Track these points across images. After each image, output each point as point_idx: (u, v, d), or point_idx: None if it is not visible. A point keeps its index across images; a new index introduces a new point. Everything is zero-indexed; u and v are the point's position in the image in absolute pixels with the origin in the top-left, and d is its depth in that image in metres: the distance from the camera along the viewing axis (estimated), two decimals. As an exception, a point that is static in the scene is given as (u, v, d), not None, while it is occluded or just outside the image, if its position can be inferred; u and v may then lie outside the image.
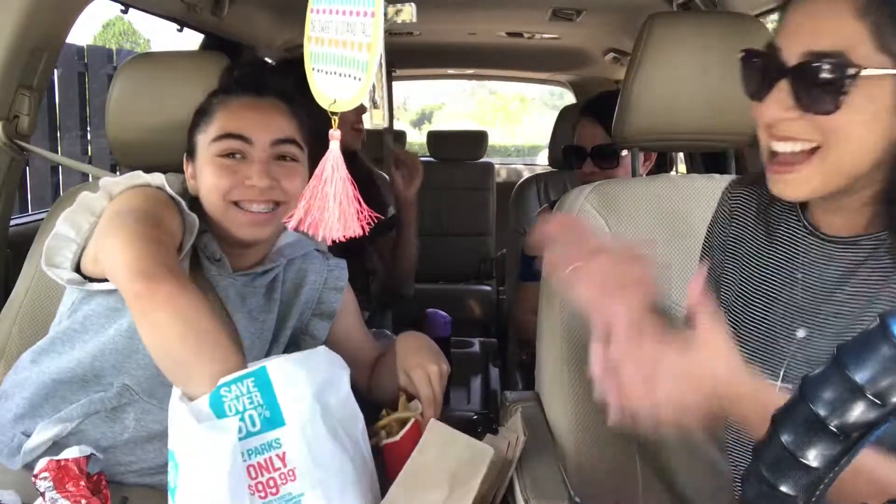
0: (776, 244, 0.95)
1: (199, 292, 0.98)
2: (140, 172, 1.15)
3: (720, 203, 1.05)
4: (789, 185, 0.81)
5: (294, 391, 0.88)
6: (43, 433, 1.07)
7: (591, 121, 1.89)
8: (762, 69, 0.81)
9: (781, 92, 0.78)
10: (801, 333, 0.89)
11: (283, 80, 1.23)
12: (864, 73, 0.72)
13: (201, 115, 1.21)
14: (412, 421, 1.13)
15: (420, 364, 1.17)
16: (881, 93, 0.73)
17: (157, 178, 1.15)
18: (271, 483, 0.87)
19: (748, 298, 0.97)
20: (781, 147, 0.80)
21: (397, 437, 1.13)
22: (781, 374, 0.89)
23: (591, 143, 1.86)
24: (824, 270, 0.88)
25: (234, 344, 0.95)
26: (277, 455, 0.87)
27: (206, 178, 1.16)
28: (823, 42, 0.75)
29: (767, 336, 0.93)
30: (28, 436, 1.08)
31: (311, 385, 0.89)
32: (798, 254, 0.91)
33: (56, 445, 1.06)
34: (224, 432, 0.84)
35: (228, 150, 1.15)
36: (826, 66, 0.74)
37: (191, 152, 1.21)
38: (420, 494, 0.95)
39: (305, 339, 1.31)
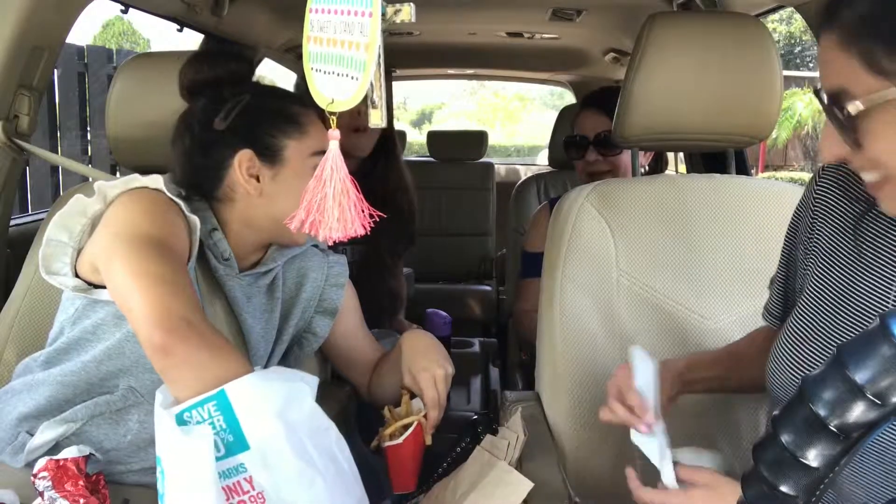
0: (866, 239, 0.88)
1: (220, 337, 0.95)
2: (137, 175, 1.12)
3: (805, 199, 0.98)
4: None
5: (255, 413, 0.86)
6: (47, 433, 1.06)
7: (593, 110, 1.89)
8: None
9: (830, 130, 0.76)
10: None
11: None
12: (859, 102, 0.71)
13: (281, 117, 1.16)
14: (415, 424, 1.14)
15: (426, 367, 1.17)
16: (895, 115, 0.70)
17: (155, 181, 1.11)
18: None
19: (840, 294, 0.89)
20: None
21: (400, 440, 1.14)
22: None
23: (594, 131, 1.86)
24: None
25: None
26: (245, 479, 0.86)
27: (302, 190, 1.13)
28: (829, 81, 0.74)
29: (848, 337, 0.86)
30: (32, 434, 1.07)
31: (272, 404, 0.87)
32: (890, 248, 0.85)
33: (58, 446, 1.06)
34: (202, 438, 0.83)
35: None
36: (836, 105, 0.72)
37: (270, 154, 1.15)
38: None
39: (308, 337, 1.31)
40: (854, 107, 0.71)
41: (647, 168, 1.91)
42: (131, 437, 1.08)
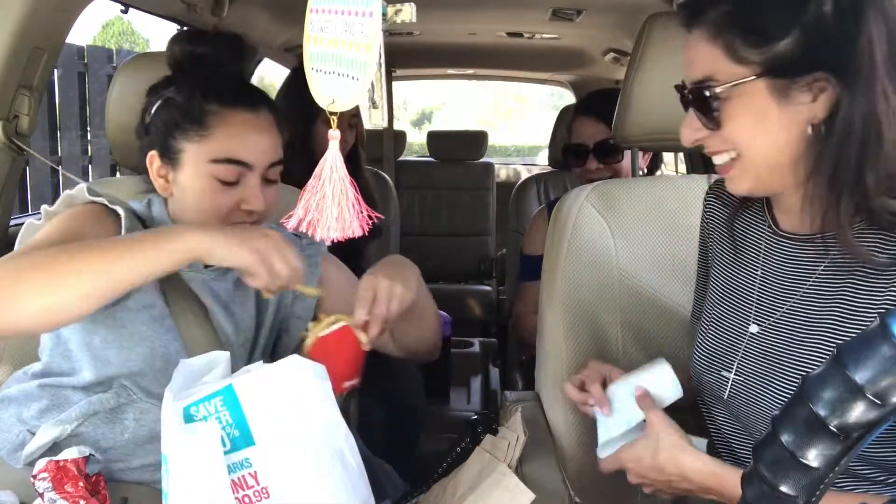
0: (741, 244, 1.00)
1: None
2: (71, 192, 1.12)
3: (702, 216, 1.12)
4: (732, 182, 0.91)
5: (263, 408, 0.85)
6: (43, 435, 1.07)
7: (590, 118, 1.89)
8: (681, 101, 0.92)
9: (690, 118, 0.89)
10: (753, 329, 0.94)
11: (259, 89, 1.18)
12: (722, 88, 0.83)
13: (186, 117, 1.12)
14: (341, 324, 1.05)
15: (374, 274, 1.07)
16: (753, 99, 0.83)
17: (83, 194, 1.12)
18: (246, 500, 0.86)
19: (714, 295, 1.03)
20: (715, 160, 0.90)
21: (313, 335, 1.04)
22: (734, 367, 0.94)
23: (593, 139, 1.85)
24: (784, 267, 0.93)
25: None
26: (250, 473, 0.86)
27: (197, 196, 1.11)
28: (696, 72, 0.86)
29: (724, 331, 0.98)
30: (33, 433, 1.08)
31: (281, 400, 0.86)
32: (760, 252, 0.97)
33: (56, 447, 1.06)
34: (209, 430, 0.84)
35: (229, 176, 1.10)
36: (701, 91, 0.85)
37: (170, 155, 1.13)
38: None
39: (294, 321, 1.27)
40: (717, 92, 0.84)
41: (645, 170, 1.91)
42: (128, 436, 1.08)
